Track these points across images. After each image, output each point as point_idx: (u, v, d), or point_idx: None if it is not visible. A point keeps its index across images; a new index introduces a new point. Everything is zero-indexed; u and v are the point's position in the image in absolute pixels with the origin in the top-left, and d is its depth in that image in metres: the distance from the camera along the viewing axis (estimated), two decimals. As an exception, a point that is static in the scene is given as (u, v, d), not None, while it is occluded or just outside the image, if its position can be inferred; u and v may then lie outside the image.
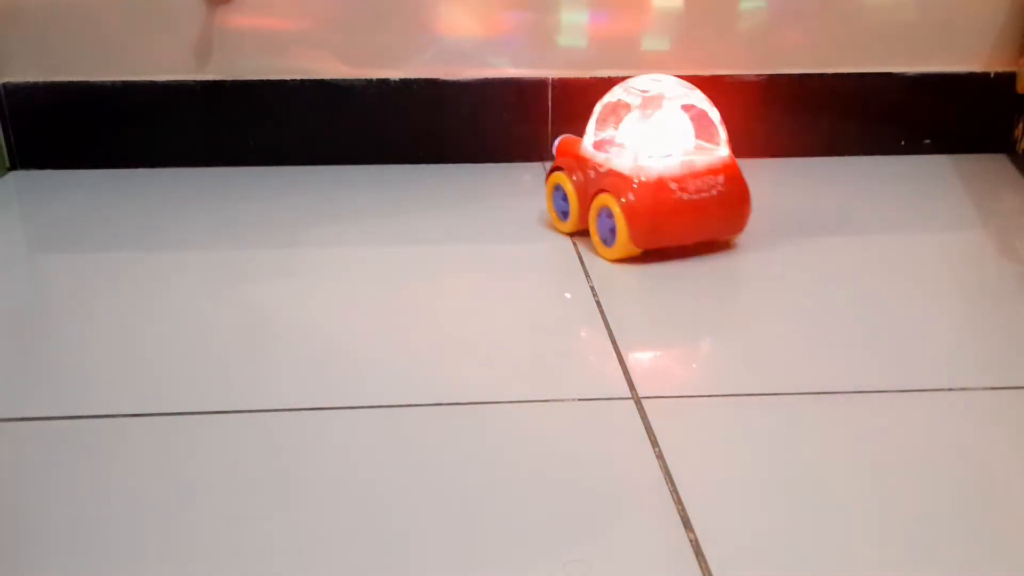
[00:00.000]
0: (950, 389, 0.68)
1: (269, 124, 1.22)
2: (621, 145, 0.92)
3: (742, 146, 1.25)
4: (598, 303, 0.82)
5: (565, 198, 0.96)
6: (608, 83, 1.21)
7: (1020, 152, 1.21)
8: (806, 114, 1.24)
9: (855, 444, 0.61)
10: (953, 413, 0.65)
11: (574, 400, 0.66)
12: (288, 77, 1.20)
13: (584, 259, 0.91)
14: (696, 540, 0.52)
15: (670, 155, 0.90)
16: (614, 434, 0.62)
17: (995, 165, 1.22)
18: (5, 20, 1.17)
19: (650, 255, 0.90)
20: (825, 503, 0.55)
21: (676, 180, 0.88)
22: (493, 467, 0.59)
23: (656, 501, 0.55)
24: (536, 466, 0.59)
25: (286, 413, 0.65)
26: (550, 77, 1.21)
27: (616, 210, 0.88)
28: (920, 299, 0.82)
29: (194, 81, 1.19)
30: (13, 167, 1.23)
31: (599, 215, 0.91)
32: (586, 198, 0.93)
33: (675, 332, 0.77)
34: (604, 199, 0.90)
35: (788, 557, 0.51)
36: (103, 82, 1.19)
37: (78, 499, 0.56)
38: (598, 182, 0.91)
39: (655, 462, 0.59)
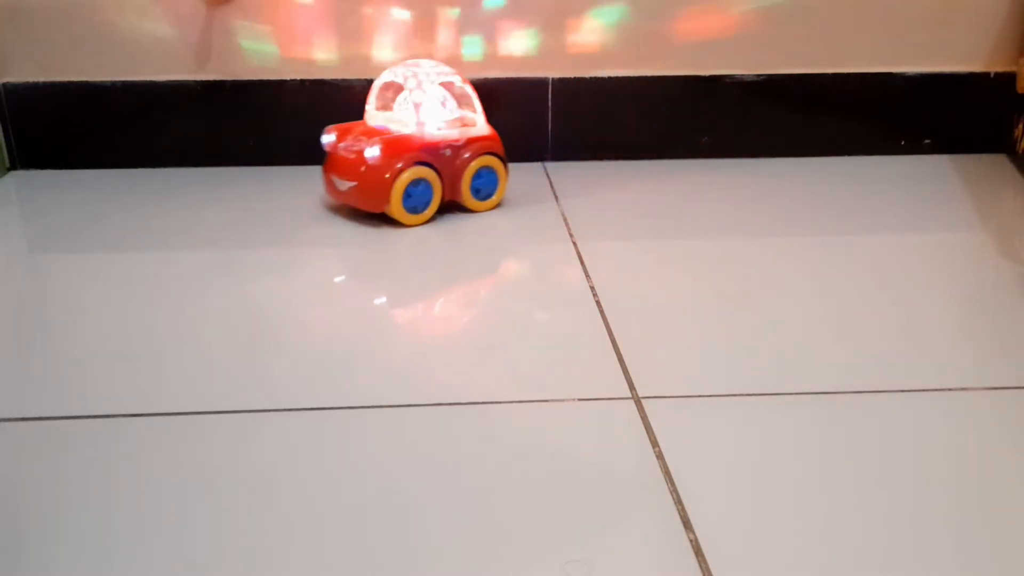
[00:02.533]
0: (950, 389, 0.68)
1: (269, 124, 1.22)
2: (419, 122, 1.01)
3: (741, 146, 1.25)
4: (598, 303, 0.82)
5: (428, 186, 1.01)
6: (608, 83, 1.22)
7: (1020, 152, 1.21)
8: (806, 114, 1.25)
9: (855, 444, 0.61)
10: (953, 413, 0.65)
11: (574, 400, 0.66)
12: (288, 77, 1.20)
13: (584, 259, 0.91)
14: (696, 540, 0.52)
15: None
16: (614, 434, 0.62)
17: (995, 165, 1.22)
18: (5, 20, 1.17)
19: (651, 253, 0.90)
20: (825, 503, 0.55)
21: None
22: (493, 467, 0.59)
23: (656, 501, 0.55)
24: (536, 466, 0.59)
25: (286, 413, 0.65)
26: (550, 77, 1.21)
27: (500, 167, 1.05)
28: (920, 299, 0.82)
29: (194, 81, 1.19)
30: (13, 167, 1.23)
31: (474, 177, 1.04)
32: (455, 174, 1.03)
33: (675, 332, 0.77)
34: (487, 160, 1.04)
35: (788, 557, 0.51)
36: (103, 82, 1.19)
37: (78, 499, 0.56)
38: (465, 151, 1.03)
39: (655, 462, 0.59)
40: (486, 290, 0.85)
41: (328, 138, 1.04)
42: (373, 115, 1.07)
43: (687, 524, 0.53)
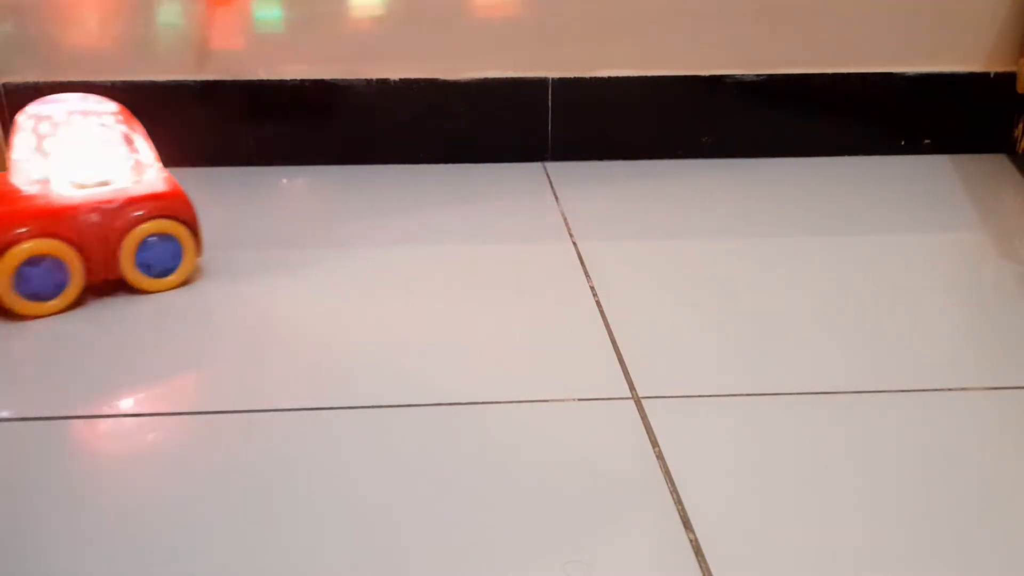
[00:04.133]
0: (950, 389, 0.68)
1: (269, 124, 1.22)
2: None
3: (741, 146, 1.25)
4: (598, 303, 0.82)
5: (59, 265, 0.78)
6: (609, 83, 1.22)
7: (1020, 152, 1.21)
8: (806, 114, 1.24)
9: (855, 444, 0.61)
10: (953, 413, 0.65)
11: (574, 400, 0.66)
12: (288, 77, 1.20)
13: (584, 259, 0.91)
14: (696, 540, 0.52)
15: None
16: (614, 434, 0.62)
17: (995, 165, 1.22)
18: (5, 20, 1.17)
19: (651, 253, 0.90)
20: (825, 503, 0.55)
21: None
22: (493, 467, 0.59)
23: (656, 501, 0.55)
24: (536, 466, 0.59)
25: (286, 413, 0.65)
26: (550, 77, 1.21)
27: (183, 232, 0.83)
28: (920, 299, 0.82)
29: (194, 81, 1.19)
30: (13, 167, 1.23)
31: (139, 248, 0.82)
32: (109, 246, 0.80)
33: (675, 332, 0.77)
34: (159, 225, 0.82)
35: (788, 557, 0.51)
36: (103, 82, 1.19)
37: (76, 499, 0.56)
38: (124, 214, 0.80)
39: (655, 462, 0.59)
40: (486, 290, 0.85)
41: None
42: (23, 163, 0.80)
43: (687, 524, 0.53)
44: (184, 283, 0.85)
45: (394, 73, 1.20)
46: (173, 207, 0.83)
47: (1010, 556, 0.51)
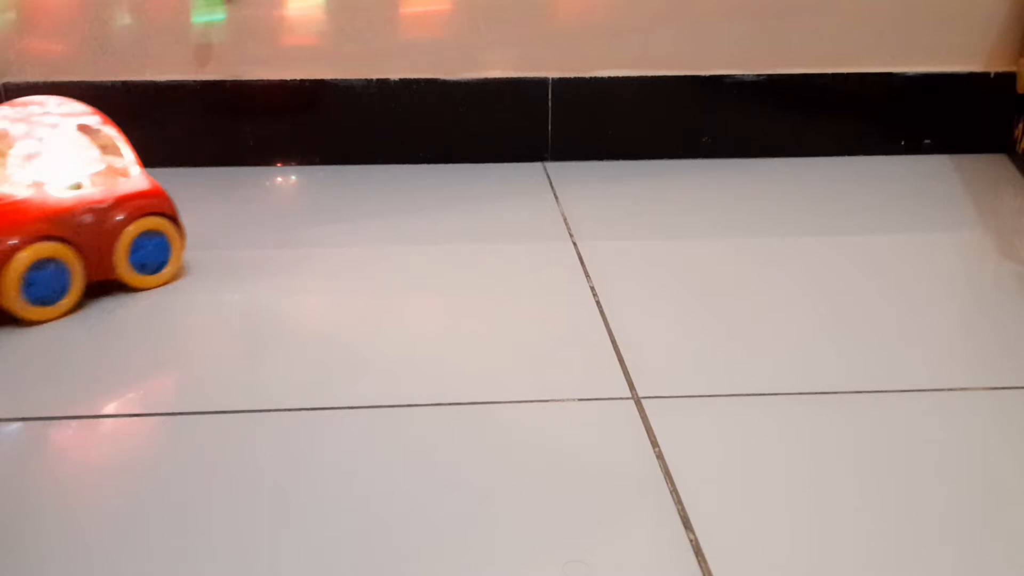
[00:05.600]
0: (950, 389, 0.68)
1: (269, 124, 1.22)
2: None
3: (741, 146, 1.25)
4: (598, 303, 0.82)
5: (62, 268, 0.78)
6: (609, 83, 1.22)
7: (1020, 152, 1.21)
8: (806, 114, 1.24)
9: (855, 444, 0.61)
10: (953, 413, 0.65)
11: (574, 400, 0.66)
12: (288, 77, 1.20)
13: (584, 259, 0.91)
14: (696, 540, 0.52)
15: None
16: (614, 434, 0.62)
17: (995, 165, 1.22)
18: (5, 20, 1.17)
19: (651, 253, 0.90)
20: (825, 503, 0.55)
21: None
22: (493, 467, 0.59)
23: (656, 501, 0.55)
24: (536, 466, 0.59)
25: (286, 413, 0.65)
26: (550, 77, 1.21)
27: (169, 227, 0.84)
28: (920, 299, 0.82)
29: (194, 81, 1.19)
30: (13, 167, 1.23)
31: (133, 245, 0.82)
32: (104, 246, 0.80)
33: (675, 332, 0.77)
34: (149, 222, 0.83)
35: (788, 557, 0.51)
36: (103, 82, 1.19)
37: (76, 499, 0.56)
38: (116, 214, 0.80)
39: (655, 462, 0.59)
40: (485, 290, 0.85)
41: None
42: (10, 167, 0.78)
43: (687, 524, 0.53)
44: (174, 278, 0.86)
45: (394, 73, 1.20)
46: (159, 204, 0.84)
47: (1009, 556, 0.51)
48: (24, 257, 0.75)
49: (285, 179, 1.18)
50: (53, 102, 0.81)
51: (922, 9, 1.21)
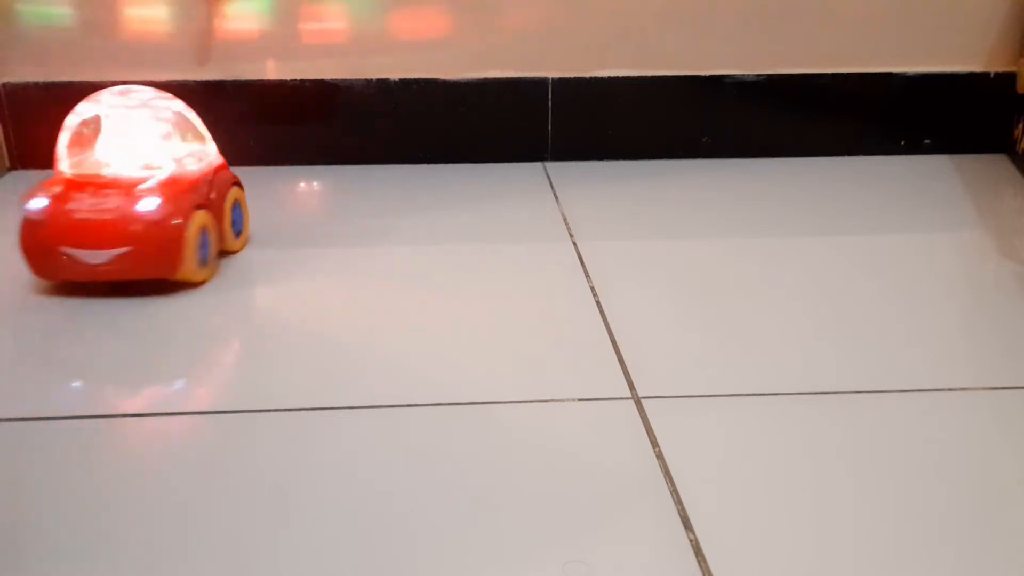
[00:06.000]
0: (950, 389, 0.68)
1: (269, 124, 1.22)
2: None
3: (741, 146, 1.25)
4: (598, 303, 0.82)
5: (208, 234, 0.86)
6: (609, 83, 1.22)
7: (1020, 152, 1.21)
8: (806, 114, 1.24)
9: (855, 444, 0.61)
10: (953, 413, 0.65)
11: (574, 400, 0.66)
12: (288, 77, 1.20)
13: (584, 259, 0.91)
14: (696, 540, 0.52)
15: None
16: (614, 434, 0.62)
17: (995, 165, 1.22)
18: (5, 20, 1.17)
19: (651, 253, 0.90)
20: (825, 503, 0.55)
21: None
22: (493, 467, 0.59)
23: (656, 501, 0.55)
24: (536, 466, 0.59)
25: (285, 413, 0.65)
26: (550, 77, 1.21)
27: (243, 196, 0.95)
28: (920, 299, 0.82)
29: (194, 81, 1.19)
30: (13, 167, 1.23)
31: (230, 212, 0.92)
32: (218, 213, 0.89)
33: (675, 332, 0.77)
34: (236, 193, 0.93)
35: (788, 557, 0.51)
36: (103, 82, 1.19)
37: (75, 498, 0.56)
38: (216, 186, 0.89)
39: (655, 462, 0.59)
40: (485, 290, 0.85)
41: (38, 203, 0.80)
42: (66, 161, 0.86)
43: (687, 524, 0.53)
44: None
45: (394, 73, 1.20)
46: (235, 176, 0.95)
47: (1009, 556, 0.51)
48: (196, 224, 0.83)
49: (285, 179, 1.18)
50: (149, 91, 0.89)
51: (922, 9, 1.21)
